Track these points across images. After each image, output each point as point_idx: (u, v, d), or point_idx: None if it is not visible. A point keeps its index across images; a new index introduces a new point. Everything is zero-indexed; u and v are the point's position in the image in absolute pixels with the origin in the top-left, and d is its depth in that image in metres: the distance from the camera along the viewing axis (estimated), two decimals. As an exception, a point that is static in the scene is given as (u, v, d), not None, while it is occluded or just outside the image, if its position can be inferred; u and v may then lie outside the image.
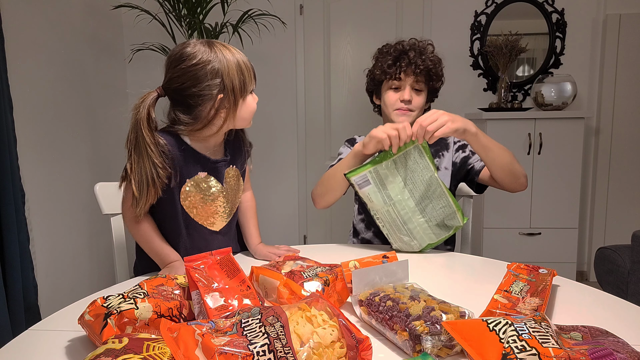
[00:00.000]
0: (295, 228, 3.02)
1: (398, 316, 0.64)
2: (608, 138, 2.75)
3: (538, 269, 0.86)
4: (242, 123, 1.01)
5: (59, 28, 2.21)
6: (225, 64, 0.93)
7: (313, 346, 0.53)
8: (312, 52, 2.90)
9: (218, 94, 0.94)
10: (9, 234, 1.62)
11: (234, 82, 0.94)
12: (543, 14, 2.78)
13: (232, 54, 0.95)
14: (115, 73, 2.79)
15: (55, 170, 2.16)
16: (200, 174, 1.01)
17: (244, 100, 0.97)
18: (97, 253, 2.52)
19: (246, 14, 2.46)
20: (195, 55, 0.92)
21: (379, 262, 0.83)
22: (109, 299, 0.64)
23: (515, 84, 2.84)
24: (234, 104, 0.96)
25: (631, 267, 1.66)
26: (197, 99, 0.94)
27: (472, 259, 1.09)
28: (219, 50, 0.94)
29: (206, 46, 0.94)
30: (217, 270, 0.72)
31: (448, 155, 1.35)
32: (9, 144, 1.65)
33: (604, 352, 0.50)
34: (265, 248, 1.14)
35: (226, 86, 0.94)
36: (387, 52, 1.34)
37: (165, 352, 0.50)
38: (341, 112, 2.94)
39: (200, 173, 1.01)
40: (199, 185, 1.01)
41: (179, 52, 0.94)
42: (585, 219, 2.88)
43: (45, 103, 2.10)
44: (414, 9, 2.83)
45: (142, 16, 2.55)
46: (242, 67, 0.95)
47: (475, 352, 0.54)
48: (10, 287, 1.63)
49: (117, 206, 1.24)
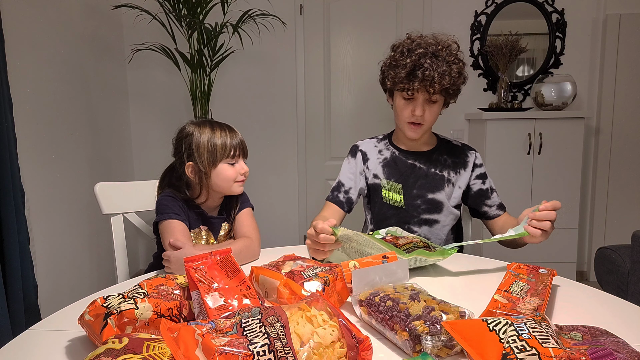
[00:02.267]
0: (295, 228, 3.02)
1: (398, 316, 0.64)
2: (608, 138, 2.75)
3: (538, 269, 0.86)
4: (222, 188, 1.14)
5: (59, 28, 2.21)
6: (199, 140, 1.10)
7: (313, 346, 0.53)
8: (312, 52, 2.90)
9: (188, 160, 1.12)
10: (9, 234, 1.62)
11: (201, 155, 1.11)
12: (543, 14, 2.78)
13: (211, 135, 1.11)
14: (115, 73, 2.79)
15: (55, 170, 2.16)
16: (201, 227, 1.16)
17: (214, 169, 1.11)
18: (97, 253, 2.52)
19: (246, 14, 2.46)
20: (184, 130, 1.14)
21: (379, 262, 0.82)
22: (109, 299, 0.64)
23: (515, 84, 2.84)
24: (204, 173, 1.11)
25: (631, 267, 1.66)
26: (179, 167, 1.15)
27: (472, 259, 1.09)
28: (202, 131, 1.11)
29: (195, 125, 1.13)
30: (217, 270, 0.72)
31: (465, 174, 1.29)
32: (9, 144, 1.65)
33: (604, 352, 0.50)
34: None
35: (195, 157, 1.11)
36: (402, 59, 1.19)
37: (165, 352, 0.50)
38: (341, 112, 2.94)
39: (201, 226, 1.16)
40: (199, 236, 1.16)
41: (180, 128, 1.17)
42: (585, 219, 2.88)
43: (45, 103, 2.10)
44: (414, 9, 2.83)
45: (142, 16, 2.55)
46: (216, 147, 1.11)
47: (475, 352, 0.54)
48: (10, 287, 1.63)
49: (117, 206, 1.24)
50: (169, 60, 2.55)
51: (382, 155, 1.34)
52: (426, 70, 1.14)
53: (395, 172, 1.30)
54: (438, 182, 1.28)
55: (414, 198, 1.28)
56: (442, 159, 1.31)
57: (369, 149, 1.36)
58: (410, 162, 1.30)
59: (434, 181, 1.28)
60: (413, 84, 1.16)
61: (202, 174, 1.11)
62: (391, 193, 1.29)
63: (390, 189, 1.29)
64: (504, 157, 2.53)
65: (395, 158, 1.32)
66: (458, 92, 1.24)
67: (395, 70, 1.20)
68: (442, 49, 1.18)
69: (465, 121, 2.92)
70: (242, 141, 1.16)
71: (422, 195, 1.27)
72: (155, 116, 2.99)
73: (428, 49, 1.18)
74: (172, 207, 1.09)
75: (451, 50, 1.19)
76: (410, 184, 1.28)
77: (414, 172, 1.29)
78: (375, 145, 1.37)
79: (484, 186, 1.30)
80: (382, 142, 1.37)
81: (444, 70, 1.15)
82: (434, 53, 1.17)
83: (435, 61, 1.16)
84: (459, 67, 1.19)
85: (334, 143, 2.98)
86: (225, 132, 1.13)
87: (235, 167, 1.13)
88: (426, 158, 1.31)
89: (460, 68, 1.19)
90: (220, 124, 1.15)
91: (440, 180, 1.28)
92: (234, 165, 1.13)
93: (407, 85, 1.18)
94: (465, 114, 2.89)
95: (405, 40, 1.23)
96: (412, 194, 1.28)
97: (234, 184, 1.14)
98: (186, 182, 1.15)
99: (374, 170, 1.33)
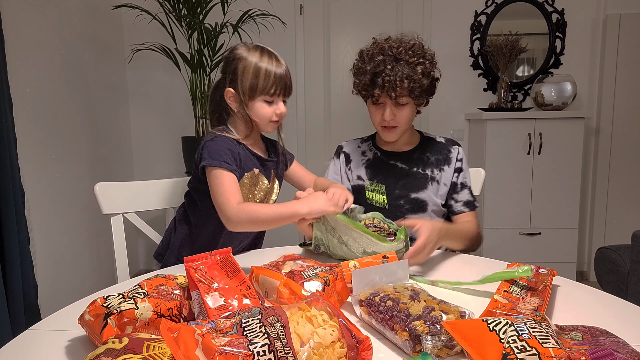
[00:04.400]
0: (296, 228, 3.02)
1: (398, 316, 0.64)
2: (608, 138, 2.75)
3: (538, 269, 0.86)
4: (255, 123, 1.12)
5: (59, 28, 2.21)
6: (245, 64, 1.05)
7: (313, 346, 0.53)
8: (312, 52, 2.90)
9: (229, 86, 1.08)
10: (9, 234, 1.62)
11: (243, 81, 1.06)
12: (543, 14, 2.78)
13: (258, 60, 1.06)
14: (115, 73, 2.79)
15: (55, 170, 2.16)
16: (255, 170, 1.13)
17: (252, 102, 1.08)
18: (97, 253, 2.52)
19: (246, 14, 2.46)
20: (233, 51, 1.09)
21: (379, 262, 0.82)
22: (109, 298, 0.64)
23: (515, 84, 2.84)
24: (241, 102, 1.08)
25: (631, 267, 1.66)
26: (222, 87, 1.11)
27: (472, 259, 1.09)
28: (251, 54, 1.06)
29: (246, 48, 1.08)
30: (217, 270, 0.72)
31: (449, 170, 1.28)
32: (9, 144, 1.65)
33: (604, 352, 0.50)
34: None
35: (236, 83, 1.07)
36: (363, 66, 1.19)
37: (165, 352, 0.50)
38: (341, 112, 2.94)
39: (255, 169, 1.13)
40: (253, 181, 1.13)
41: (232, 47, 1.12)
42: (585, 219, 2.88)
43: (45, 103, 2.10)
44: (414, 9, 2.83)
45: (142, 16, 2.55)
46: (259, 73, 1.05)
47: (475, 352, 0.54)
48: (10, 287, 1.63)
49: (117, 206, 1.24)
50: (169, 60, 2.55)
51: (366, 156, 1.34)
52: (386, 76, 1.14)
53: (378, 173, 1.30)
54: (420, 181, 1.27)
55: (396, 198, 1.26)
56: (424, 157, 1.29)
57: (352, 150, 1.36)
58: (391, 163, 1.30)
59: (415, 180, 1.27)
60: (374, 91, 1.16)
61: (241, 104, 1.08)
62: (374, 194, 1.28)
63: (373, 190, 1.28)
64: (504, 157, 2.53)
65: (377, 159, 1.32)
66: (429, 91, 1.22)
67: (358, 78, 1.21)
68: (403, 51, 1.16)
69: (465, 121, 2.92)
70: (287, 73, 1.09)
71: (404, 195, 1.26)
72: (155, 116, 2.99)
73: (387, 54, 1.16)
74: (224, 153, 1.05)
75: (414, 51, 1.16)
76: (392, 184, 1.27)
77: (395, 173, 1.28)
78: (358, 146, 1.37)
79: (457, 180, 1.28)
80: (365, 143, 1.37)
81: (405, 74, 1.13)
82: (395, 56, 1.15)
83: (396, 66, 1.14)
84: (424, 67, 1.16)
85: (334, 143, 2.97)
86: (272, 59, 1.07)
87: (272, 106, 1.10)
88: (407, 158, 1.30)
89: (426, 68, 1.16)
90: (270, 50, 1.10)
91: (422, 179, 1.27)
92: (270, 104, 1.09)
93: (369, 93, 1.18)
94: (465, 114, 2.89)
95: (370, 46, 1.22)
96: (394, 195, 1.27)
97: (268, 124, 1.12)
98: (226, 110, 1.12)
99: (357, 172, 1.32)
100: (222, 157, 1.03)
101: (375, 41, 1.23)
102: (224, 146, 1.06)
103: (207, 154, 1.04)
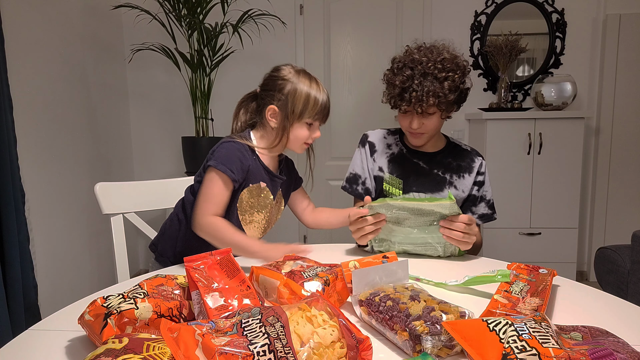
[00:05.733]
0: (295, 228, 3.02)
1: (398, 316, 0.64)
2: (608, 138, 2.75)
3: (538, 269, 0.86)
4: (290, 144, 1.16)
5: (59, 28, 2.21)
6: (296, 88, 1.10)
7: (313, 346, 0.53)
8: (312, 52, 2.90)
9: (276, 103, 1.11)
10: (9, 234, 1.62)
11: (294, 103, 1.10)
12: (543, 14, 2.78)
13: (309, 87, 1.12)
14: (115, 73, 2.79)
15: (55, 170, 2.16)
16: (261, 183, 1.15)
17: (295, 124, 1.12)
18: (97, 253, 2.52)
19: (246, 14, 2.46)
20: (281, 71, 1.13)
21: (379, 262, 0.83)
22: (109, 299, 0.64)
23: (515, 84, 2.84)
24: (285, 121, 1.11)
25: (631, 267, 1.66)
26: (262, 101, 1.14)
27: (472, 259, 1.09)
28: (301, 80, 1.12)
29: (294, 72, 1.13)
30: (217, 270, 0.72)
31: (469, 179, 1.29)
32: (9, 144, 1.65)
33: (604, 352, 0.50)
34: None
35: (284, 103, 1.10)
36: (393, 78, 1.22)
37: (165, 352, 0.50)
38: (341, 112, 2.94)
39: (261, 182, 1.15)
40: (257, 193, 1.15)
41: (276, 67, 1.15)
42: (585, 219, 2.89)
43: (45, 103, 2.10)
44: (414, 9, 2.83)
45: (142, 16, 2.55)
46: (309, 100, 1.11)
47: (475, 352, 0.54)
48: (10, 287, 1.63)
49: (117, 206, 1.24)
50: (169, 60, 2.55)
51: (391, 149, 1.36)
52: (413, 92, 1.17)
53: (399, 168, 1.32)
54: (438, 184, 1.29)
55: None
56: (447, 162, 1.31)
57: (377, 140, 1.38)
58: (414, 161, 1.33)
59: (434, 181, 1.29)
60: (402, 104, 1.21)
61: (286, 123, 1.11)
62: (392, 187, 1.31)
63: (391, 183, 1.31)
64: (504, 157, 2.53)
65: (402, 155, 1.34)
66: (456, 104, 1.24)
67: (388, 88, 1.26)
68: (432, 65, 1.17)
69: (465, 121, 2.92)
70: (329, 101, 1.16)
71: (421, 193, 1.29)
72: (155, 116, 2.99)
73: (416, 69, 1.18)
74: (234, 162, 1.07)
75: (444, 65, 1.17)
76: (410, 181, 1.30)
77: (416, 171, 1.31)
78: (384, 137, 1.39)
79: (477, 193, 1.30)
80: (392, 135, 1.39)
81: (431, 91, 1.15)
82: (423, 72, 1.17)
83: (424, 81, 1.16)
84: (452, 82, 1.17)
85: (334, 143, 2.98)
86: (320, 87, 1.14)
87: (311, 129, 1.15)
88: (430, 159, 1.32)
89: (454, 82, 1.17)
90: (315, 78, 1.17)
91: (441, 181, 1.29)
92: (310, 127, 1.14)
93: (397, 104, 1.23)
94: (465, 114, 2.89)
95: (401, 56, 1.25)
96: (411, 191, 1.29)
97: (302, 144, 1.16)
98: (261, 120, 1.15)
99: (379, 163, 1.35)
100: (230, 165, 1.06)
101: (407, 50, 1.25)
102: (236, 154, 1.08)
103: (219, 155, 1.07)
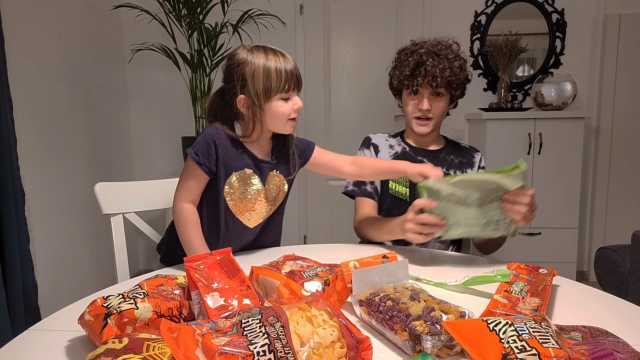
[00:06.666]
0: (295, 228, 3.02)
1: (398, 316, 0.64)
2: (608, 138, 2.75)
3: (538, 269, 0.86)
4: (274, 126, 1.09)
5: (59, 28, 2.21)
6: (253, 68, 1.02)
7: (313, 346, 0.53)
8: (312, 52, 2.90)
9: (241, 93, 1.04)
10: (9, 234, 1.62)
11: (254, 84, 1.02)
12: (543, 14, 2.78)
13: (265, 60, 1.03)
14: (115, 73, 2.79)
15: (55, 170, 2.16)
16: (246, 170, 1.10)
17: (268, 103, 1.04)
18: (97, 253, 2.52)
19: (246, 14, 2.46)
20: (235, 57, 1.05)
21: (378, 262, 0.83)
22: (109, 299, 0.64)
23: (515, 84, 2.84)
24: (253, 107, 1.04)
25: (631, 267, 1.66)
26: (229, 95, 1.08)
27: (472, 259, 1.09)
28: (256, 56, 1.03)
29: (246, 51, 1.05)
30: (217, 270, 0.72)
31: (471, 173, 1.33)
32: (9, 144, 1.65)
33: (604, 352, 0.50)
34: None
35: (249, 89, 1.03)
36: (405, 59, 1.28)
37: (165, 352, 0.50)
38: (341, 112, 2.94)
39: (246, 169, 1.10)
40: (243, 180, 1.10)
41: (230, 54, 1.08)
42: (585, 219, 2.88)
43: (45, 103, 2.10)
44: (414, 9, 2.83)
45: (142, 16, 2.55)
46: (270, 74, 1.02)
47: (475, 352, 0.54)
48: (10, 287, 1.63)
49: (117, 206, 1.24)
50: (169, 60, 2.55)
51: (394, 149, 1.38)
52: (428, 67, 1.23)
53: None
54: None
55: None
56: (449, 159, 1.35)
57: (380, 142, 1.41)
58: (418, 158, 1.35)
59: None
60: (416, 79, 1.25)
61: (256, 108, 1.04)
62: (398, 185, 1.32)
63: (397, 182, 1.33)
64: (504, 157, 2.53)
65: (405, 153, 1.36)
66: (462, 87, 1.31)
67: (400, 70, 1.29)
68: (443, 48, 1.27)
69: (465, 121, 2.92)
70: (296, 68, 1.07)
71: None
72: (155, 116, 2.99)
73: (430, 49, 1.26)
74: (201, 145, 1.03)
75: (452, 50, 1.28)
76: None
77: None
78: (386, 139, 1.42)
79: None
80: (393, 138, 1.42)
81: (445, 66, 1.23)
82: (436, 52, 1.25)
83: (437, 58, 1.24)
84: (461, 64, 1.27)
85: (334, 143, 2.98)
86: (278, 56, 1.05)
87: (289, 103, 1.06)
88: (433, 156, 1.35)
89: (462, 64, 1.27)
90: (272, 48, 1.07)
91: None
92: (287, 101, 1.06)
93: (411, 82, 1.27)
94: (465, 114, 2.89)
95: (409, 45, 1.32)
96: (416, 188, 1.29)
97: (287, 122, 1.08)
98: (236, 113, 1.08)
99: None
100: (197, 148, 1.03)
101: (413, 42, 1.33)
102: (205, 139, 1.05)
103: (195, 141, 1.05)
